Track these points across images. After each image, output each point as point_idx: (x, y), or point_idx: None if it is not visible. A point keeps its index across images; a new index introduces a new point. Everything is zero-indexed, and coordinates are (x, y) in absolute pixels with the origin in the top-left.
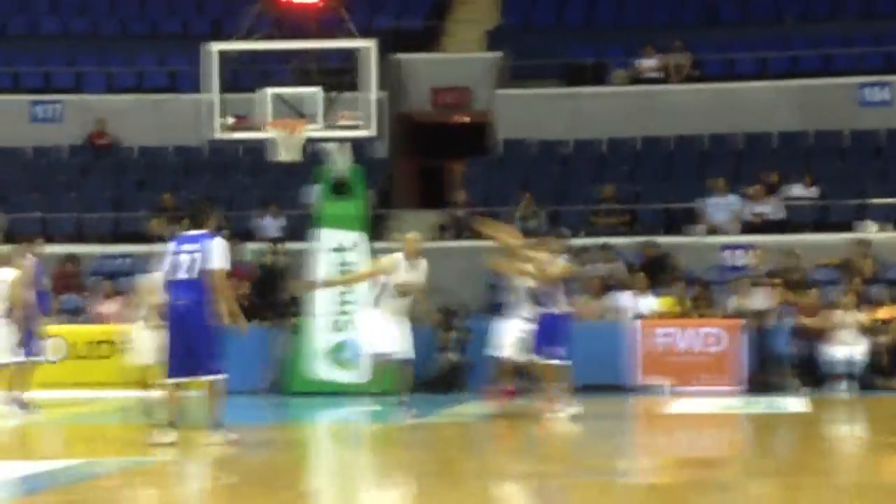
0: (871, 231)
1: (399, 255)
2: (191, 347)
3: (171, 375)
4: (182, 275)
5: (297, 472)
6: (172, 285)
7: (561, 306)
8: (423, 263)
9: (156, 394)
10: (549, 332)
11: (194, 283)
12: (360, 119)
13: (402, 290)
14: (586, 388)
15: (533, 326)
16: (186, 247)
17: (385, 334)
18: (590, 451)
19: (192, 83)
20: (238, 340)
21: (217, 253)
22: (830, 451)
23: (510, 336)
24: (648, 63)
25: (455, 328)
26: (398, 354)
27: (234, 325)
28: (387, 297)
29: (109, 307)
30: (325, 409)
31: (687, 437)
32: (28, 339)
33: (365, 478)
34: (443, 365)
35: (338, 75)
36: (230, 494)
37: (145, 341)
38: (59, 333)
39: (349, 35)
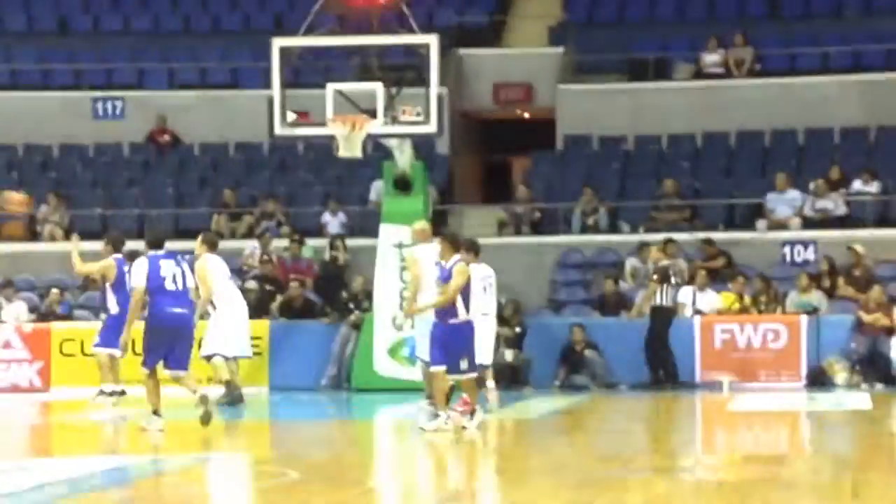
0: None
1: (418, 249)
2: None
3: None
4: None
5: (361, 469)
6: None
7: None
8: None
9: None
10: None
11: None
12: (422, 115)
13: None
14: (649, 385)
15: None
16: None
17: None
18: (653, 448)
19: (254, 79)
20: (301, 337)
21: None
22: (894, 447)
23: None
24: (711, 58)
25: (512, 325)
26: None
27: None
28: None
29: None
30: (387, 406)
31: (750, 434)
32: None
33: (428, 474)
34: (501, 362)
35: (400, 71)
36: (294, 490)
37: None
38: None
39: (411, 31)
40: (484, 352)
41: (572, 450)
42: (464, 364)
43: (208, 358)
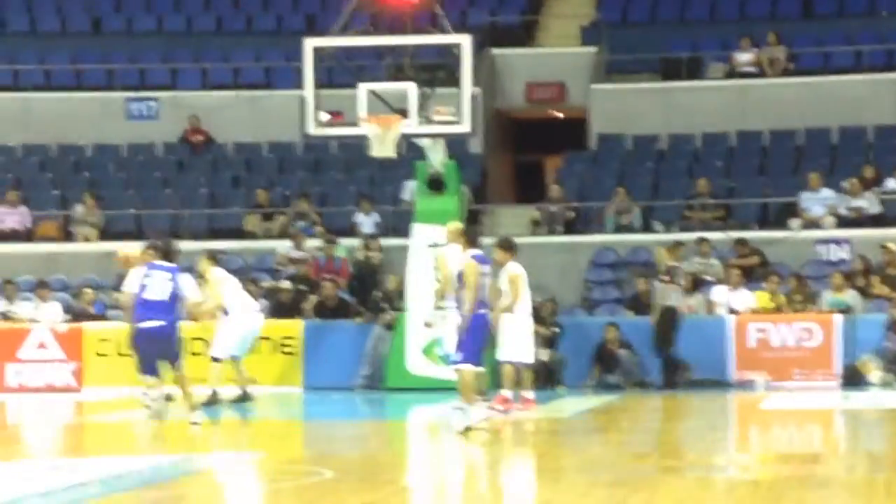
0: None
1: (447, 248)
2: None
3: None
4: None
5: (395, 467)
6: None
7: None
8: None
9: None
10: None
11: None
12: (455, 115)
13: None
14: (683, 384)
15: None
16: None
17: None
18: (688, 447)
19: (287, 79)
20: (335, 337)
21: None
22: None
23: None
24: (744, 57)
25: (547, 324)
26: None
27: None
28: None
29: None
30: (421, 405)
31: (785, 433)
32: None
33: (462, 473)
34: (536, 361)
35: (433, 71)
36: (328, 489)
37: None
38: None
39: (444, 31)
40: (522, 351)
41: (605, 448)
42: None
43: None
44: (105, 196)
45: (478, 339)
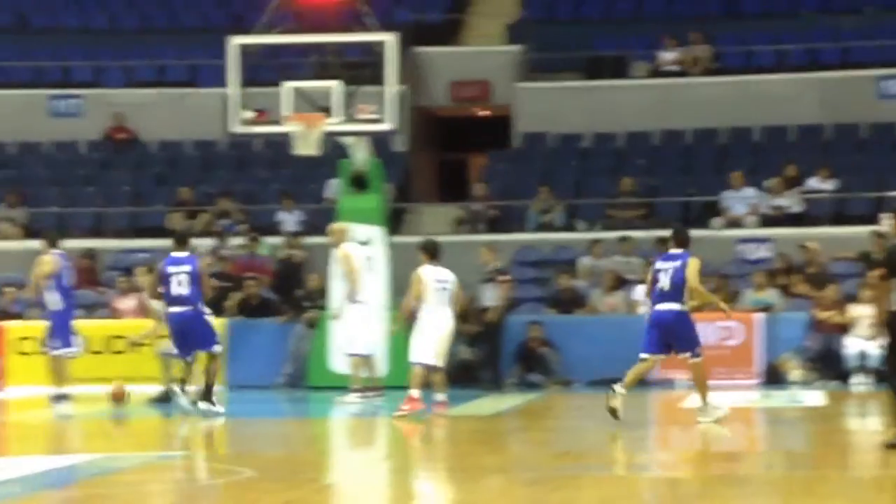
0: (889, 224)
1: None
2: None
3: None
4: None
5: (316, 466)
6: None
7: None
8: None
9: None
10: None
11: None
12: (379, 113)
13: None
14: (604, 382)
15: None
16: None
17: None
18: (608, 446)
19: (211, 77)
20: (258, 335)
21: None
22: (848, 445)
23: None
24: (669, 56)
25: (471, 322)
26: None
27: None
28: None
29: (127, 302)
30: (342, 403)
31: (706, 431)
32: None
33: (382, 471)
34: (457, 360)
35: (358, 69)
36: (250, 487)
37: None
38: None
39: (369, 29)
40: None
41: (526, 447)
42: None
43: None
44: (28, 194)
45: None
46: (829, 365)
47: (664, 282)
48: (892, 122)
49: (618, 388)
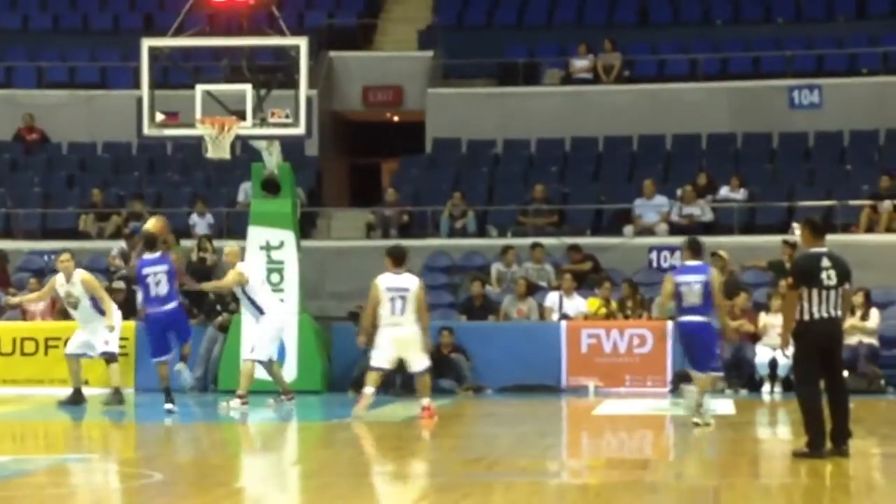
0: (798, 233)
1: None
2: None
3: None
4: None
5: (226, 471)
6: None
7: None
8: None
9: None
10: None
11: None
12: (291, 117)
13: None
14: (515, 389)
15: None
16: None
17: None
18: (519, 452)
19: (122, 79)
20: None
21: None
22: (758, 454)
23: None
24: (580, 63)
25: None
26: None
27: None
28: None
29: (36, 304)
30: (253, 407)
31: (616, 439)
32: None
33: (292, 477)
34: (366, 365)
35: (269, 73)
36: (159, 492)
37: None
38: None
39: (281, 32)
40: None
41: (437, 453)
42: None
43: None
44: None
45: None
46: (738, 373)
47: (692, 295)
48: (803, 132)
49: (695, 419)
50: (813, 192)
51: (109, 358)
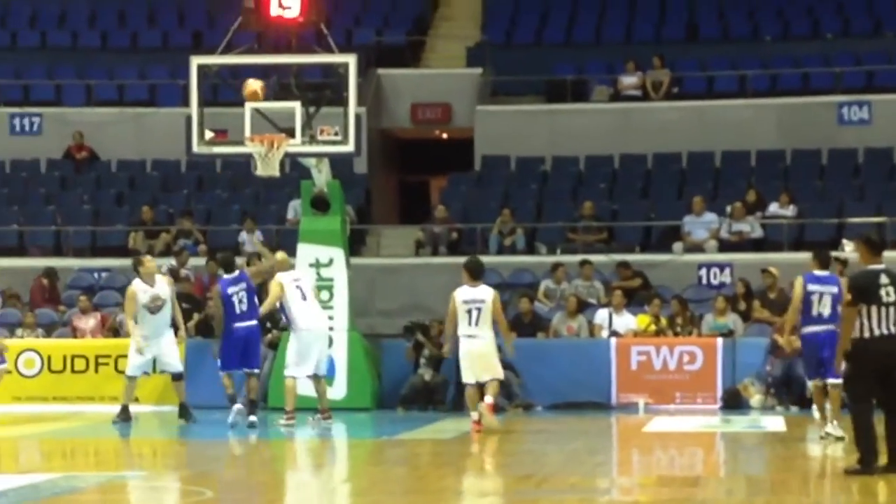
0: (848, 250)
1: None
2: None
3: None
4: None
5: (276, 488)
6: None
7: None
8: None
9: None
10: None
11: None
12: (340, 134)
13: None
14: (565, 406)
15: None
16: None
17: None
18: (569, 469)
19: (171, 97)
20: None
21: None
22: (808, 471)
23: None
24: (629, 80)
25: (428, 345)
26: None
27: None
28: None
29: (86, 321)
30: (301, 425)
31: (666, 456)
32: None
33: (342, 494)
34: (416, 382)
35: (318, 90)
36: None
37: None
38: (35, 347)
39: (329, 50)
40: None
41: (486, 471)
42: None
43: None
44: None
45: None
46: (789, 390)
47: (824, 305)
48: (852, 149)
49: (828, 429)
50: (862, 209)
51: (178, 376)
